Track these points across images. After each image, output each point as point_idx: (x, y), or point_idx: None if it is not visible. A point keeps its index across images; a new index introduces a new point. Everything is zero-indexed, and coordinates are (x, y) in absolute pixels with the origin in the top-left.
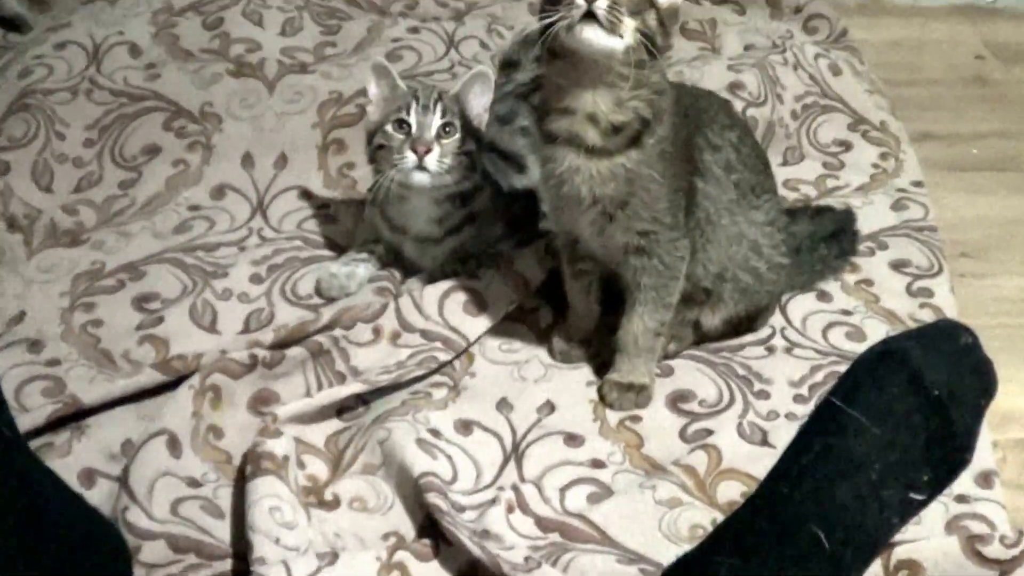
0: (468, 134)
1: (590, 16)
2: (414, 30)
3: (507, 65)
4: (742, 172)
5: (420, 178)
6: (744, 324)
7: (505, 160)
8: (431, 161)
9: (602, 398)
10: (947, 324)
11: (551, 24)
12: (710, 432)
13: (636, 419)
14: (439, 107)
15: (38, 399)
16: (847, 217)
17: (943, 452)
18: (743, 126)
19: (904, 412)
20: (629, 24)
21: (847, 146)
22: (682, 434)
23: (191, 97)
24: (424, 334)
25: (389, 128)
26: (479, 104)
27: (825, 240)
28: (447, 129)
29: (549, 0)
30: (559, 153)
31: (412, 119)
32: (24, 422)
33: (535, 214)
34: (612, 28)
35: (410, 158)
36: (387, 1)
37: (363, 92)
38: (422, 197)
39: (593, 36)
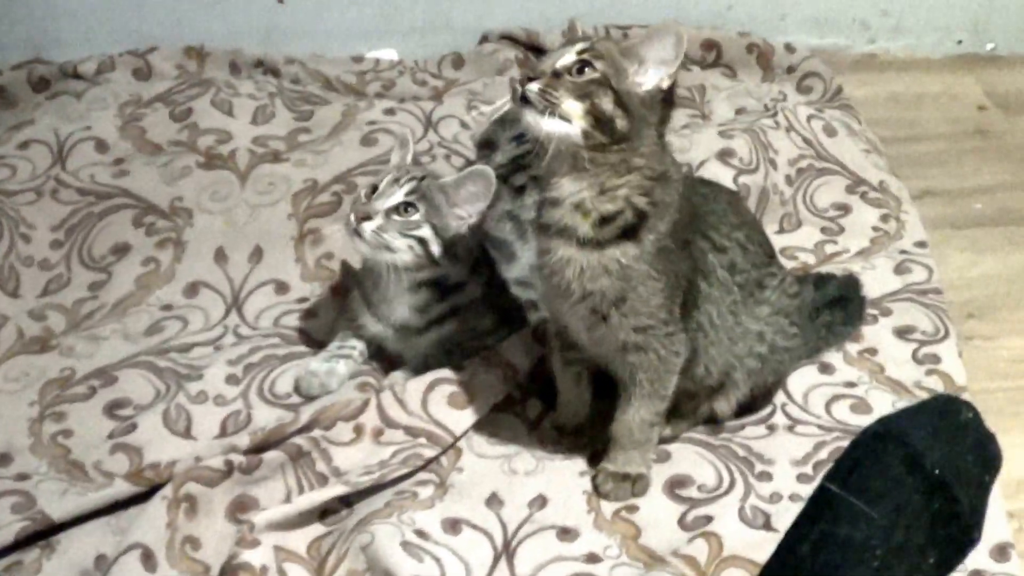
0: (440, 226)
1: (527, 101)
2: (390, 112)
3: (484, 145)
4: (748, 272)
5: (357, 243)
6: (755, 403)
7: (496, 249)
8: (366, 229)
9: (596, 488)
10: (945, 399)
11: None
12: (710, 519)
13: (632, 509)
14: (408, 185)
15: (6, 516)
16: (852, 283)
17: (949, 533)
18: (751, 222)
19: (905, 494)
20: (574, 108)
21: (846, 209)
22: (681, 522)
23: (160, 192)
24: (408, 430)
25: (363, 189)
26: (473, 206)
27: (829, 307)
28: (406, 208)
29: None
30: (552, 244)
31: (380, 186)
32: None
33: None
34: (551, 111)
35: (350, 219)
36: (363, 82)
37: (339, 179)
38: (399, 283)
39: (532, 120)
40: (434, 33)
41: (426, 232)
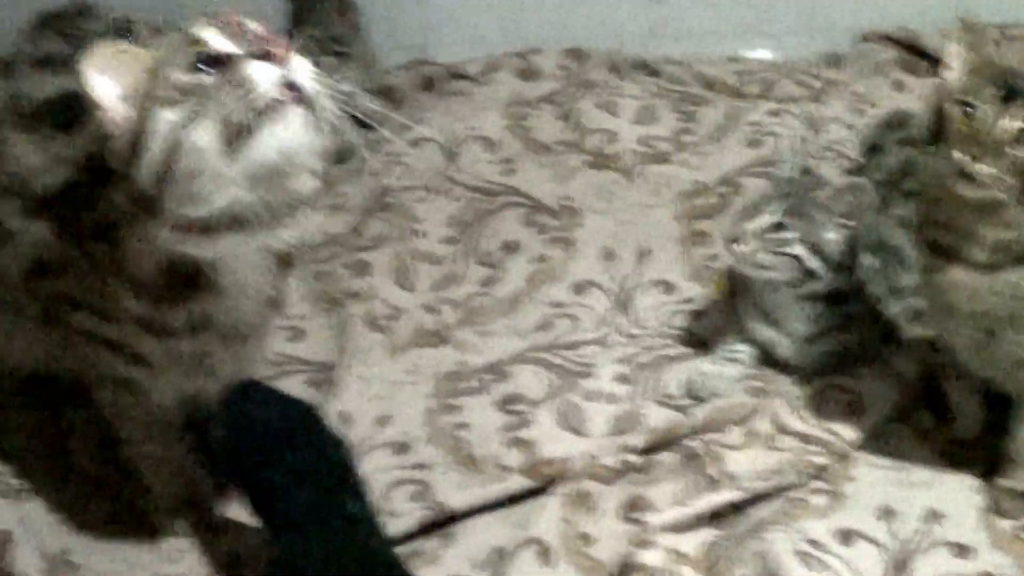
0: (815, 242)
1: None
2: (773, 113)
3: (871, 149)
4: None
5: (731, 261)
6: None
7: (890, 256)
8: (736, 250)
9: (995, 506)
10: None
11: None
12: None
13: None
14: (778, 205)
15: (405, 504)
16: None
17: None
18: None
19: None
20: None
21: None
22: None
23: (549, 191)
24: (801, 437)
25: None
26: (849, 218)
27: None
28: (777, 228)
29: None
30: (939, 264)
31: (752, 205)
32: (395, 526)
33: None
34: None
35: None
36: (741, 82)
37: (725, 180)
38: (777, 294)
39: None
40: (809, 33)
41: (799, 250)
